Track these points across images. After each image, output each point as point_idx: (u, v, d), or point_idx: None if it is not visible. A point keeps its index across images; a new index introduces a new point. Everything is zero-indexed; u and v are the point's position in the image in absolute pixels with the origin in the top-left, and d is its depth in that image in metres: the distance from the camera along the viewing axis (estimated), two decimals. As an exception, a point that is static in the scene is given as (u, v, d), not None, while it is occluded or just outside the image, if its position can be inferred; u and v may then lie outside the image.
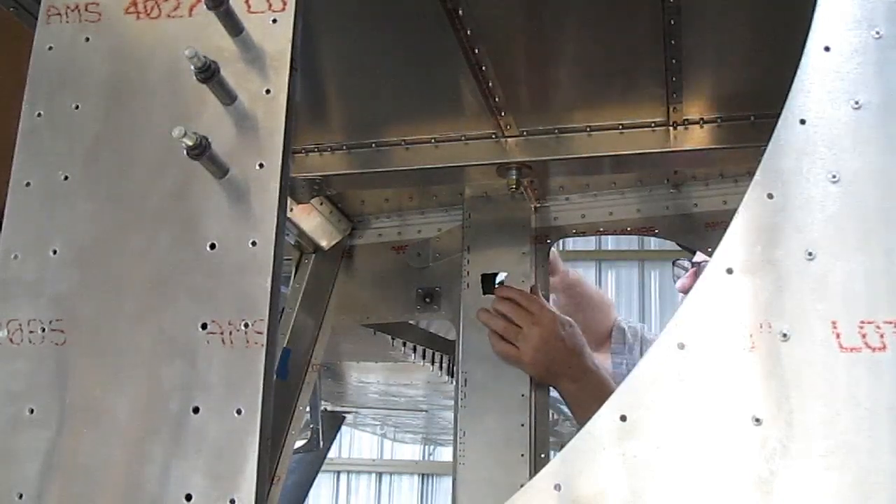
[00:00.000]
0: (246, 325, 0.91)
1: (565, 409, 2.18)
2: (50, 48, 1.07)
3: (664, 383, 0.85)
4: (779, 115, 0.90)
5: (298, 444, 4.44)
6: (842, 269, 0.84)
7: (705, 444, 0.82)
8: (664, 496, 0.82)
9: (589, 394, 1.90)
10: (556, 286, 2.25)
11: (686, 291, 2.32)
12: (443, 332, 2.99)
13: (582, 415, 1.96)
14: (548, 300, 2.03)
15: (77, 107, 1.04)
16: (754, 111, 1.66)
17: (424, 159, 1.81)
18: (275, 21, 1.00)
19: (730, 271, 0.87)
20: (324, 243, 2.35)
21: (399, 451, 13.97)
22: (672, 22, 1.41)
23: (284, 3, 1.01)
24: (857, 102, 0.88)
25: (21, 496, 0.92)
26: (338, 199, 2.30)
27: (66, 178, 1.02)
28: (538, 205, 2.15)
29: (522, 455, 1.77)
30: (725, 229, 0.88)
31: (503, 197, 1.97)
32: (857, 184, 0.86)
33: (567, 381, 1.91)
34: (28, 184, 1.03)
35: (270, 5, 1.01)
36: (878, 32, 0.90)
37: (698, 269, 2.32)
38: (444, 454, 13.00)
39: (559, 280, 2.28)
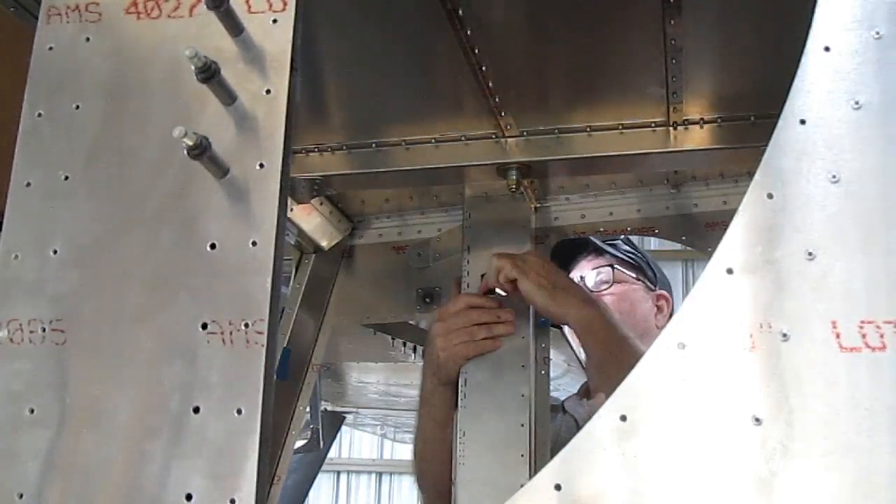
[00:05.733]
0: (246, 325, 0.91)
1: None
2: (50, 48, 1.07)
3: (664, 383, 0.85)
4: (779, 115, 0.90)
5: (298, 444, 4.44)
6: (842, 269, 0.84)
7: (705, 444, 0.82)
8: (664, 496, 0.82)
9: (608, 324, 1.77)
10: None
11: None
12: (443, 332, 2.99)
13: (598, 350, 1.80)
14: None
15: (77, 107, 1.04)
16: (754, 111, 1.66)
17: (424, 159, 1.81)
18: (275, 21, 1.00)
19: (730, 271, 0.87)
20: (324, 243, 2.35)
21: (399, 451, 13.97)
22: (672, 22, 1.41)
23: (284, 4, 1.01)
24: (857, 102, 0.88)
25: (21, 496, 0.92)
26: (338, 199, 2.30)
27: (66, 178, 1.02)
28: (538, 205, 2.15)
29: (522, 455, 1.77)
30: (725, 229, 0.88)
31: (503, 197, 1.97)
32: (857, 184, 0.86)
33: (580, 301, 1.77)
34: (28, 184, 1.03)
35: (271, 5, 1.01)
36: (878, 32, 0.90)
37: None
38: (444, 454, 12.97)
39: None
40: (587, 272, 2.25)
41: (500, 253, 1.85)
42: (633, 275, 2.28)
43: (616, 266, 2.24)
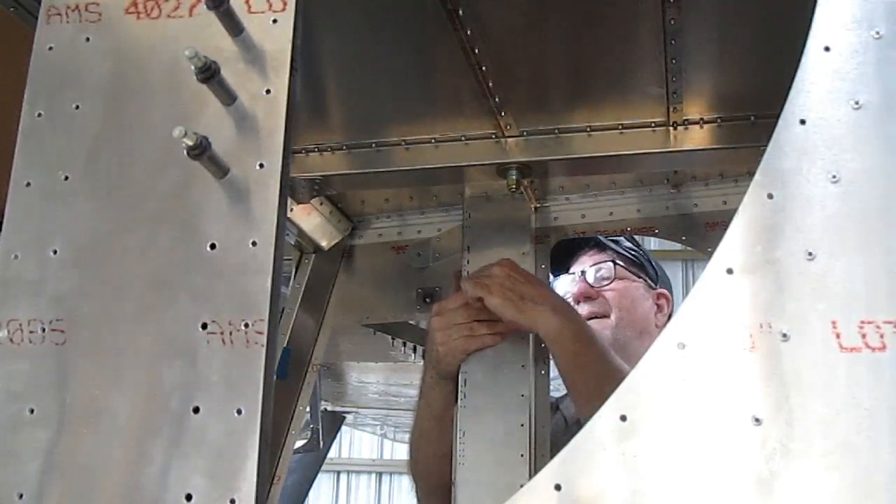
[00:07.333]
0: (246, 325, 0.91)
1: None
2: (50, 48, 1.07)
3: (664, 383, 0.85)
4: (779, 115, 0.90)
5: (298, 444, 4.45)
6: (842, 269, 0.84)
7: (705, 444, 0.82)
8: (664, 496, 0.82)
9: (578, 333, 1.75)
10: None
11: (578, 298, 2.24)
12: (443, 332, 2.99)
13: (565, 360, 1.78)
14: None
15: (77, 107, 1.04)
16: (754, 111, 1.67)
17: (424, 159, 1.81)
18: (275, 21, 1.00)
19: (730, 271, 0.87)
20: (324, 243, 2.35)
21: (399, 451, 13.97)
22: (672, 21, 1.41)
23: (284, 4, 1.01)
24: (857, 102, 0.88)
25: (21, 496, 0.92)
26: (338, 199, 2.30)
27: (66, 178, 1.02)
28: (538, 205, 2.15)
29: (522, 455, 1.77)
30: (725, 229, 0.88)
31: (503, 197, 1.97)
32: (857, 184, 0.86)
33: (548, 311, 1.73)
34: (28, 184, 1.03)
35: (270, 5, 1.01)
36: (878, 32, 0.90)
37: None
38: (444, 454, 12.98)
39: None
40: (588, 267, 2.25)
41: (468, 278, 1.85)
42: (635, 272, 2.28)
43: (617, 262, 2.24)
